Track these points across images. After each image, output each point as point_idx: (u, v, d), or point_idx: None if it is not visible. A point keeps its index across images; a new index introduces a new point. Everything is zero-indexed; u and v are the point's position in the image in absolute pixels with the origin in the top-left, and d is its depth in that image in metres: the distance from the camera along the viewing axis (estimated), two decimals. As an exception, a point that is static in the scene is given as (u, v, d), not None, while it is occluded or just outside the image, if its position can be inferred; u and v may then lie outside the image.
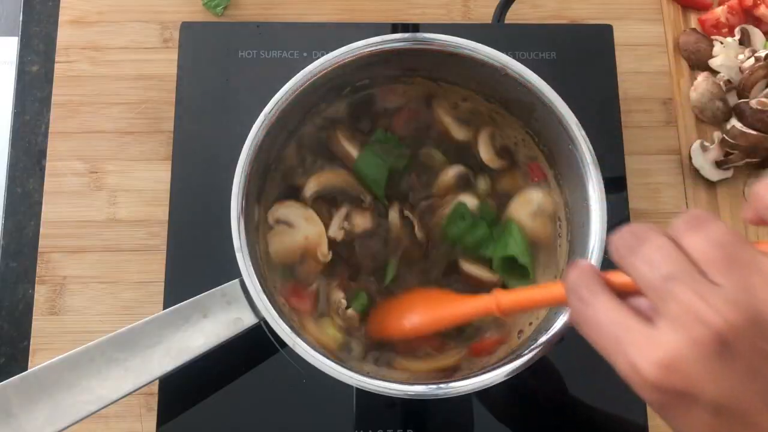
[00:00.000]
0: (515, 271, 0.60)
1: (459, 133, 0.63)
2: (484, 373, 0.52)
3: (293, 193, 0.61)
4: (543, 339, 0.52)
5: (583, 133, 0.55)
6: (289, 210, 0.60)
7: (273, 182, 0.61)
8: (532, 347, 0.52)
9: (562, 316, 0.52)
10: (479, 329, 0.59)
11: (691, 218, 0.34)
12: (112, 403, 0.49)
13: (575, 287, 0.37)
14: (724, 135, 0.68)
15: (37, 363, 0.57)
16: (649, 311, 0.34)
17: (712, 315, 0.31)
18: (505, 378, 0.51)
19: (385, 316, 0.59)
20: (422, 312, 0.56)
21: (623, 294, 0.36)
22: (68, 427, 0.48)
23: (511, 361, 0.52)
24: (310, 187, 0.60)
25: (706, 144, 0.69)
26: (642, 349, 0.33)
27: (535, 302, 0.48)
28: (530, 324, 0.59)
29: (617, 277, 0.37)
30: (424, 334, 0.57)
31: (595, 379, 0.58)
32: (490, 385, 0.51)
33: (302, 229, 0.59)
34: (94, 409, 0.49)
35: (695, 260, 0.33)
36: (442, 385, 0.52)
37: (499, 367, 0.52)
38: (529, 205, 0.62)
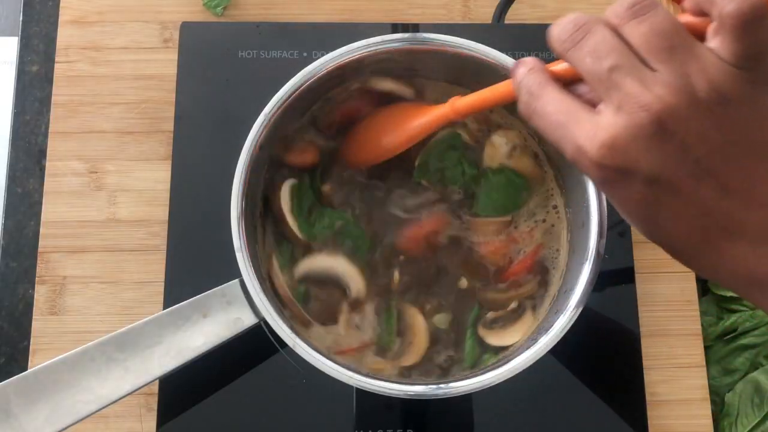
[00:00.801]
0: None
1: None
2: (484, 373, 0.52)
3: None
4: (543, 339, 0.52)
5: (584, 132, 0.55)
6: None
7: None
8: (533, 347, 0.52)
9: (562, 316, 0.52)
10: None
11: (632, 4, 0.36)
12: (112, 403, 0.50)
13: (524, 82, 0.40)
14: (724, 135, 0.68)
15: (37, 363, 0.57)
16: (592, 96, 0.37)
17: (651, 99, 0.34)
18: (506, 378, 0.51)
19: (358, 138, 0.61)
20: (391, 129, 0.59)
21: (567, 82, 0.39)
22: (68, 427, 0.48)
23: (511, 360, 0.52)
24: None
25: (706, 144, 0.69)
26: (587, 132, 0.36)
27: (487, 101, 0.50)
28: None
29: (560, 67, 0.39)
30: (396, 151, 0.59)
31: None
32: (490, 385, 0.51)
33: None
34: (94, 409, 0.49)
35: (636, 49, 0.35)
36: (442, 385, 0.52)
37: (499, 367, 0.52)
38: (498, 150, 0.63)
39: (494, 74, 0.58)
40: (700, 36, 0.35)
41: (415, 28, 0.72)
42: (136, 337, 0.51)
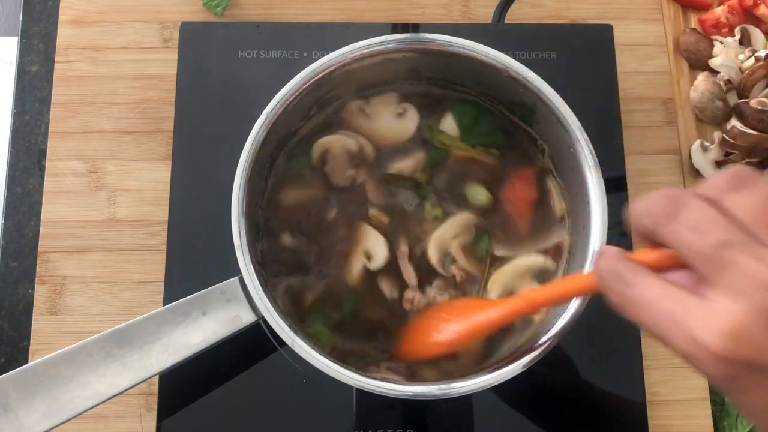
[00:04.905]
0: None
1: None
2: (484, 373, 0.52)
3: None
4: (543, 340, 0.52)
5: (585, 135, 0.55)
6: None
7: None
8: (533, 348, 0.52)
9: (562, 318, 0.52)
10: None
11: (732, 177, 0.33)
12: (110, 398, 0.49)
13: (611, 268, 0.36)
14: (724, 135, 0.68)
15: (36, 363, 0.57)
16: (691, 285, 0.33)
17: None
18: (506, 379, 0.51)
19: (414, 335, 0.57)
20: (455, 324, 0.54)
21: (657, 271, 0.35)
22: (66, 421, 0.48)
23: (511, 362, 0.52)
24: None
25: (707, 144, 0.69)
26: (704, 321, 0.31)
27: (564, 295, 0.49)
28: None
29: (647, 255, 0.36)
30: (459, 347, 0.56)
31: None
32: (490, 386, 0.51)
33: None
34: (92, 405, 0.49)
35: (742, 222, 0.32)
36: (442, 386, 0.51)
37: (499, 367, 0.52)
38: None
39: (497, 75, 0.58)
40: None
41: (415, 28, 0.72)
42: (134, 333, 0.51)
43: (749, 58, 0.70)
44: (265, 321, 0.52)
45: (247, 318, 0.53)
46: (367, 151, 0.62)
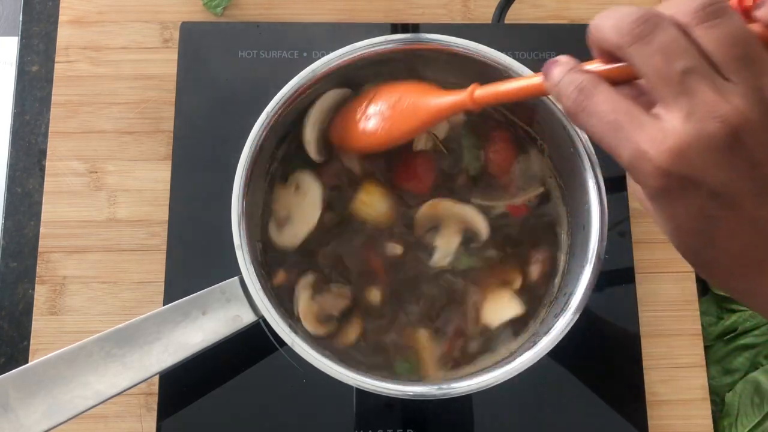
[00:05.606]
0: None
1: None
2: (484, 373, 0.52)
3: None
4: (543, 340, 0.52)
5: (585, 136, 0.55)
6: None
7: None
8: (533, 348, 0.52)
9: (562, 318, 0.52)
10: None
11: (705, 6, 0.34)
12: (110, 398, 0.50)
13: (570, 79, 0.37)
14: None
15: (36, 363, 0.57)
16: (642, 100, 0.35)
17: (728, 110, 0.32)
18: (506, 379, 0.51)
19: (358, 116, 0.56)
20: (399, 112, 0.54)
21: (613, 83, 0.37)
22: (66, 421, 0.49)
23: (511, 361, 0.52)
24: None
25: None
26: (652, 136, 0.33)
27: (509, 94, 0.46)
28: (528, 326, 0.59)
29: (600, 67, 0.37)
30: (401, 140, 0.56)
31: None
32: (490, 386, 0.51)
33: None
34: (92, 404, 0.49)
35: (709, 54, 0.33)
36: (442, 386, 0.52)
37: (499, 367, 0.52)
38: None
39: (494, 74, 0.58)
40: None
41: (415, 28, 0.72)
42: (134, 333, 0.51)
43: (749, 58, 0.70)
44: (265, 321, 0.52)
45: (247, 318, 0.53)
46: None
